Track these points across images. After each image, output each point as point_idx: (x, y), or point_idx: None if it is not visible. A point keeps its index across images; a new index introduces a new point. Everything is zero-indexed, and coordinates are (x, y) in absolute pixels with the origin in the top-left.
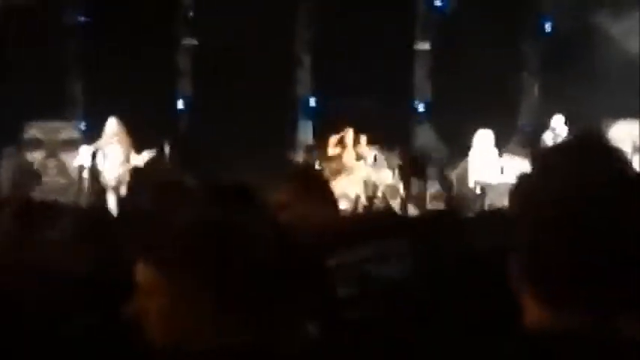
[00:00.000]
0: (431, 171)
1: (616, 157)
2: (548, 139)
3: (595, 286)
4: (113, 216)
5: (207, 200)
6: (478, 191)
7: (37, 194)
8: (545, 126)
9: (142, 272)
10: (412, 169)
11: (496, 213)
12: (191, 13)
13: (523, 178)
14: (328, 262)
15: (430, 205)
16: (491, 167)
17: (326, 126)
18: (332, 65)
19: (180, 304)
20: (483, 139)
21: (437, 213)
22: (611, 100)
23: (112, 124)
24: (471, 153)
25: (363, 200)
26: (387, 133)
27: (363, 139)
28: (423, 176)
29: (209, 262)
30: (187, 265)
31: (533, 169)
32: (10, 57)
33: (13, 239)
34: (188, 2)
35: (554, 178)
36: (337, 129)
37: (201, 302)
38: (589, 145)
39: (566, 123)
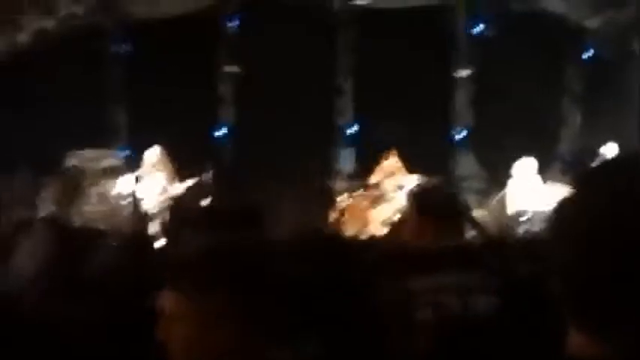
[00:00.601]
0: (471, 199)
1: None
2: None
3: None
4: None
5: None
6: (522, 219)
7: (78, 222)
8: (589, 153)
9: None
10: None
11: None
12: (234, 41)
13: (566, 201)
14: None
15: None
16: (534, 195)
17: (367, 154)
18: (373, 93)
19: (208, 330)
20: (525, 167)
21: (513, 246)
22: None
23: (153, 153)
24: (511, 181)
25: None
26: (428, 161)
27: (402, 166)
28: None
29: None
30: (216, 290)
31: (576, 191)
32: (53, 87)
33: (55, 260)
34: (231, 30)
35: (599, 199)
36: (378, 157)
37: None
38: (633, 163)
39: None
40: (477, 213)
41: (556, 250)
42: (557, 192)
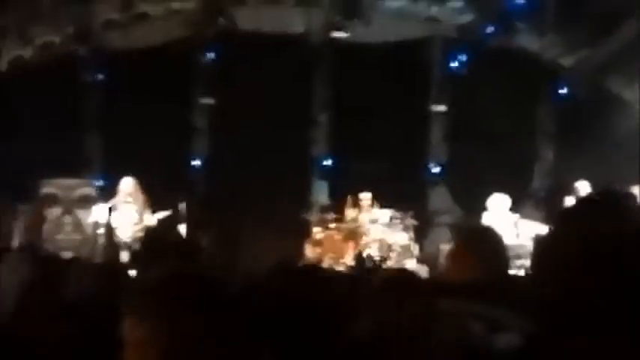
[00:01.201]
0: (446, 233)
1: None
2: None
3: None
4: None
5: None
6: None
7: (52, 250)
8: (562, 190)
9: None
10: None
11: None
12: (209, 73)
13: (547, 237)
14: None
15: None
16: (507, 230)
17: (341, 186)
18: (348, 126)
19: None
20: (498, 202)
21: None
22: (626, 165)
23: (126, 183)
24: (485, 215)
25: (375, 259)
26: (402, 195)
27: (372, 201)
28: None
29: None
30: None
31: (557, 227)
32: (28, 114)
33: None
34: (207, 62)
35: (579, 233)
36: (352, 190)
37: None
38: (611, 199)
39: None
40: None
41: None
42: (530, 228)
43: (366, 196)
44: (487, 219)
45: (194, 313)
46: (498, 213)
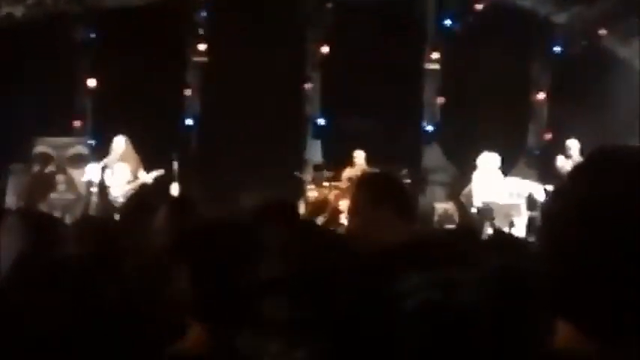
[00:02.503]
0: (440, 191)
1: None
2: (562, 162)
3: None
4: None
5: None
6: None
7: (45, 209)
8: (555, 148)
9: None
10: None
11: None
12: (201, 31)
13: (556, 200)
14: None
15: (437, 225)
16: (497, 189)
17: (335, 145)
18: (341, 85)
19: None
20: (488, 160)
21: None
22: (620, 122)
23: (119, 142)
24: (475, 174)
25: None
26: (396, 153)
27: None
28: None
29: None
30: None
31: (567, 190)
32: (19, 73)
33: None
34: (198, 20)
35: (590, 193)
36: (346, 148)
37: None
38: (619, 156)
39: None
40: (445, 205)
41: (545, 246)
42: (522, 186)
43: (359, 154)
44: (476, 177)
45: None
46: (488, 171)
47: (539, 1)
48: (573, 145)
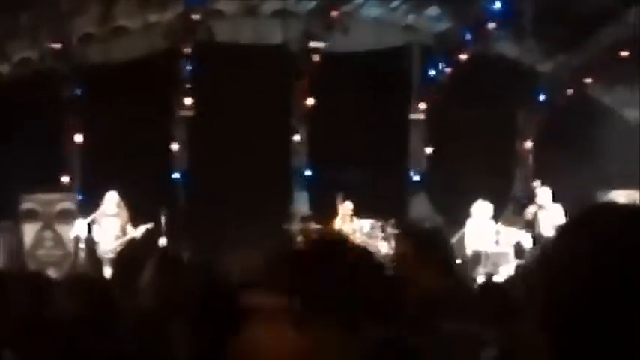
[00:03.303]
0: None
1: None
2: (533, 209)
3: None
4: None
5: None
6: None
7: (33, 266)
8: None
9: None
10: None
11: None
12: (187, 85)
13: (550, 249)
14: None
15: None
16: (488, 237)
17: (322, 197)
18: (327, 136)
19: None
20: (482, 209)
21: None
22: (606, 169)
23: (112, 197)
24: (469, 222)
25: None
26: (383, 204)
27: (351, 209)
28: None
29: None
30: None
31: (559, 238)
32: (6, 130)
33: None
34: (185, 74)
35: (586, 245)
36: (332, 200)
37: None
38: (610, 213)
39: (553, 195)
40: None
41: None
42: (510, 234)
43: (347, 206)
44: (470, 226)
45: None
46: (481, 220)
47: (525, 51)
48: (544, 193)
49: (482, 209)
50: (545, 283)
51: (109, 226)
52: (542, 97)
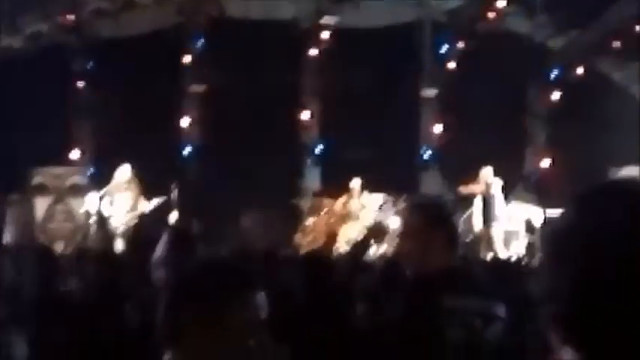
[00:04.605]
0: None
1: None
2: (469, 188)
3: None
4: (122, 259)
5: None
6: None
7: (44, 240)
8: (553, 172)
9: None
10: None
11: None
12: (198, 59)
13: (561, 225)
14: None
15: None
16: (499, 212)
17: (333, 172)
18: (339, 112)
19: None
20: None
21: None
22: (617, 145)
23: (124, 171)
24: (476, 199)
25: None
26: (394, 180)
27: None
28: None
29: None
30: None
31: (569, 215)
32: (17, 104)
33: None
34: (196, 49)
35: (596, 223)
36: (344, 175)
37: None
38: (626, 188)
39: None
40: None
41: (552, 273)
42: (522, 210)
43: (355, 182)
44: (478, 202)
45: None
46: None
47: (536, 27)
48: (487, 172)
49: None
50: (552, 260)
51: (121, 201)
52: (553, 74)
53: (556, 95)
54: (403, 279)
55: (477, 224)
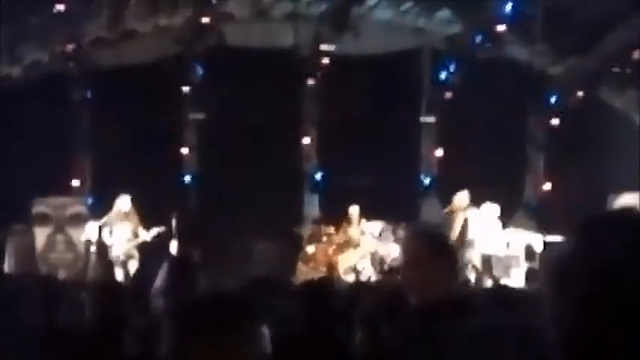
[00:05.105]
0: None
1: None
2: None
3: None
4: (122, 289)
5: None
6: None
7: (44, 269)
8: (553, 199)
9: None
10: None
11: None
12: (197, 88)
13: (564, 253)
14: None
15: None
16: (495, 238)
17: (332, 200)
18: (338, 139)
19: None
20: (488, 211)
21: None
22: (617, 172)
23: (124, 201)
24: (473, 226)
25: (368, 273)
26: (394, 207)
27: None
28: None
29: None
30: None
31: (576, 242)
32: (18, 133)
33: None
34: (196, 78)
35: (602, 251)
36: (343, 203)
37: None
38: (628, 217)
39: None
40: None
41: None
42: (521, 237)
43: (354, 210)
44: (474, 229)
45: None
46: (488, 221)
47: (535, 54)
48: (461, 197)
49: (488, 211)
50: (555, 287)
51: (121, 230)
52: (552, 101)
53: (555, 122)
54: (406, 308)
55: (478, 250)
